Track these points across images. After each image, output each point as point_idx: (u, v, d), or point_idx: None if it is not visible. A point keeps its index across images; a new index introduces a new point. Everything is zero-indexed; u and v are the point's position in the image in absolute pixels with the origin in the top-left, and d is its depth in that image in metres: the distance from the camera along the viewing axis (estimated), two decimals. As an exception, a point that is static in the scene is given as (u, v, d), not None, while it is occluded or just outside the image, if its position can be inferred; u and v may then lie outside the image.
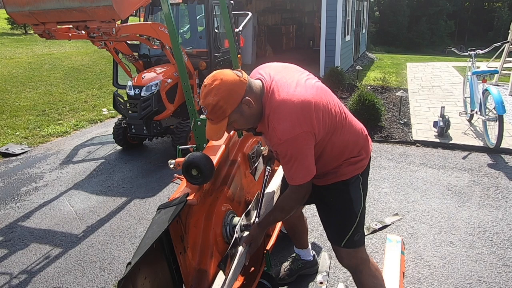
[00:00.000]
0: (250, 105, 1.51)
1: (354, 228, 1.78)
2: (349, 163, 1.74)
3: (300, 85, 1.59)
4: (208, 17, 5.10)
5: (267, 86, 1.58)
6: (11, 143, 5.50)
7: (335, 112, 1.64)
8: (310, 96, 1.55)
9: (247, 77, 1.54)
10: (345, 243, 1.80)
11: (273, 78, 1.60)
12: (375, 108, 5.47)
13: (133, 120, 4.64)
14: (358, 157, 1.75)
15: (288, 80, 1.60)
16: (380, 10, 36.12)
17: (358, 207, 1.79)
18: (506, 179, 3.89)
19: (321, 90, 1.65)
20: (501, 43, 6.45)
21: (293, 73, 1.67)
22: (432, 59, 14.66)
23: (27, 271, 2.78)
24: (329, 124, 1.60)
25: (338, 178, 1.76)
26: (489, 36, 31.94)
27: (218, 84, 1.46)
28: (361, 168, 1.78)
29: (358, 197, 1.78)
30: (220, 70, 1.53)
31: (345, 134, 1.70)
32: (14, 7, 3.12)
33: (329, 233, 1.90)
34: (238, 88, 1.48)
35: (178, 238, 1.67)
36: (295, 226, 2.41)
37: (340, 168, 1.74)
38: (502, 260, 2.67)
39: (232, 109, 1.49)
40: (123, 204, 3.72)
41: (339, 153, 1.72)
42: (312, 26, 15.28)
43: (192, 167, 1.73)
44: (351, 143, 1.73)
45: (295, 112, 1.51)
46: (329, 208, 1.84)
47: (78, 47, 13.90)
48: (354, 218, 1.78)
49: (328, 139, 1.64)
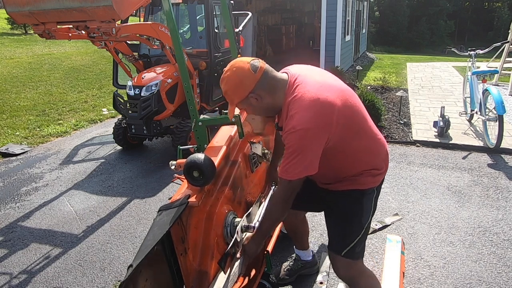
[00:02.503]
0: (258, 98, 1.58)
1: (358, 239, 1.76)
2: (370, 174, 1.72)
3: (326, 83, 1.60)
4: (208, 17, 5.10)
5: (292, 80, 1.61)
6: (11, 143, 5.49)
7: (358, 116, 1.64)
8: (334, 96, 1.55)
9: (263, 71, 1.56)
10: (346, 253, 1.76)
11: (299, 73, 1.63)
12: (375, 108, 5.47)
13: (133, 120, 4.64)
14: (379, 170, 1.75)
15: (314, 77, 1.63)
16: (380, 10, 36.11)
17: (366, 219, 1.77)
18: (506, 179, 3.89)
19: (345, 91, 1.64)
20: (501, 43, 6.45)
21: (320, 73, 1.70)
22: (432, 59, 14.67)
23: (27, 271, 2.78)
24: (349, 127, 1.59)
25: (355, 186, 1.73)
26: (489, 36, 31.94)
27: (229, 75, 1.56)
28: (378, 182, 1.77)
29: (368, 210, 1.77)
30: (239, 59, 1.60)
31: (366, 140, 1.68)
32: (14, 7, 3.11)
33: (331, 240, 1.86)
34: (246, 82, 1.54)
35: (178, 239, 1.67)
36: (296, 229, 2.41)
37: (360, 177, 1.72)
38: (502, 260, 2.67)
39: (238, 100, 1.59)
40: (123, 204, 3.71)
41: (360, 158, 1.70)
42: (312, 26, 15.28)
43: (193, 168, 1.72)
44: (374, 151, 1.72)
45: (315, 107, 1.51)
46: (338, 214, 1.82)
47: (78, 47, 13.90)
48: (360, 229, 1.76)
49: (349, 142, 1.62)
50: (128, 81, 4.83)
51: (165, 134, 4.93)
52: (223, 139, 2.18)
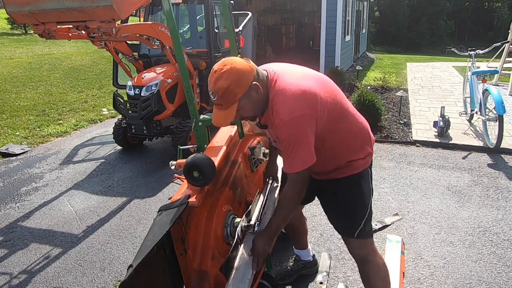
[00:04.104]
0: (258, 90, 1.57)
1: (366, 218, 1.84)
2: (361, 157, 1.79)
3: (304, 74, 1.67)
4: (208, 17, 5.10)
5: (272, 75, 1.64)
6: (11, 143, 5.49)
7: (339, 101, 1.69)
8: (313, 83, 1.61)
9: (254, 64, 1.60)
10: (358, 234, 1.84)
11: (277, 69, 1.68)
12: (375, 108, 5.47)
13: (133, 120, 4.64)
14: (367, 151, 1.82)
15: (291, 70, 1.69)
16: (380, 10, 36.12)
17: (368, 198, 1.85)
18: (506, 179, 3.89)
19: (323, 79, 1.72)
20: (501, 43, 6.45)
21: (295, 67, 1.76)
22: (432, 59, 14.67)
23: (27, 271, 2.78)
24: (333, 112, 1.64)
25: (351, 171, 1.79)
26: (489, 36, 31.94)
27: (229, 69, 1.51)
28: (369, 162, 1.85)
29: (368, 189, 1.85)
30: (229, 57, 1.60)
31: (350, 124, 1.75)
32: (14, 7, 3.11)
33: (340, 226, 1.93)
34: (247, 73, 1.54)
35: (179, 239, 1.67)
36: (295, 227, 2.41)
37: (353, 162, 1.78)
38: (502, 260, 2.67)
39: (242, 93, 1.53)
40: (123, 204, 3.71)
41: (348, 143, 1.76)
42: (312, 26, 15.27)
43: (193, 169, 1.72)
44: (359, 134, 1.79)
45: (299, 95, 1.55)
46: (342, 201, 1.86)
47: (78, 47, 13.90)
48: (365, 209, 1.84)
49: (334, 128, 1.68)
50: (128, 81, 4.83)
51: (165, 134, 4.93)
52: (223, 139, 2.18)
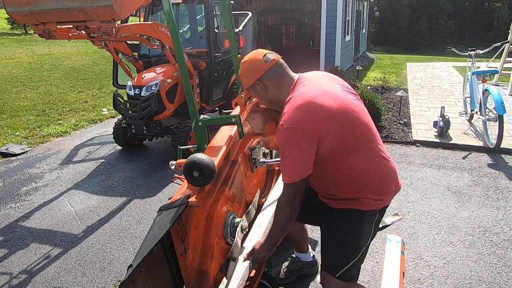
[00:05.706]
0: (263, 88, 1.70)
1: (355, 261, 1.69)
2: (371, 197, 1.66)
3: (328, 91, 1.59)
4: (208, 17, 5.10)
5: (298, 81, 1.68)
6: (11, 143, 5.49)
7: (360, 132, 1.59)
8: (332, 104, 1.52)
9: (274, 63, 1.68)
10: (340, 275, 1.69)
11: (308, 77, 1.70)
12: (375, 108, 5.47)
13: (133, 120, 4.64)
14: (382, 196, 1.68)
15: (321, 82, 1.66)
16: (380, 10, 36.11)
17: (365, 242, 1.71)
18: (506, 179, 3.89)
19: (354, 106, 1.60)
20: (501, 43, 6.45)
21: (330, 81, 1.70)
22: (432, 59, 14.66)
23: (27, 271, 2.78)
24: (346, 139, 1.55)
25: (356, 206, 1.67)
26: (489, 36, 31.90)
27: (246, 60, 1.73)
28: (380, 206, 1.71)
29: (368, 232, 1.71)
30: (258, 50, 1.76)
31: (368, 160, 1.62)
32: (14, 7, 3.11)
33: (326, 259, 1.77)
34: (255, 69, 1.68)
35: (179, 239, 1.67)
36: (294, 235, 2.40)
37: (360, 199, 1.66)
38: (502, 260, 2.67)
39: (248, 85, 1.74)
40: (123, 204, 3.71)
41: (359, 178, 1.63)
42: (312, 26, 15.29)
43: (193, 169, 1.72)
44: (377, 175, 1.64)
45: (306, 108, 1.51)
46: (337, 232, 1.75)
47: (78, 47, 13.90)
48: (357, 252, 1.70)
49: (344, 156, 1.58)
50: (128, 81, 4.83)
51: (165, 134, 4.93)
52: (223, 139, 2.18)
